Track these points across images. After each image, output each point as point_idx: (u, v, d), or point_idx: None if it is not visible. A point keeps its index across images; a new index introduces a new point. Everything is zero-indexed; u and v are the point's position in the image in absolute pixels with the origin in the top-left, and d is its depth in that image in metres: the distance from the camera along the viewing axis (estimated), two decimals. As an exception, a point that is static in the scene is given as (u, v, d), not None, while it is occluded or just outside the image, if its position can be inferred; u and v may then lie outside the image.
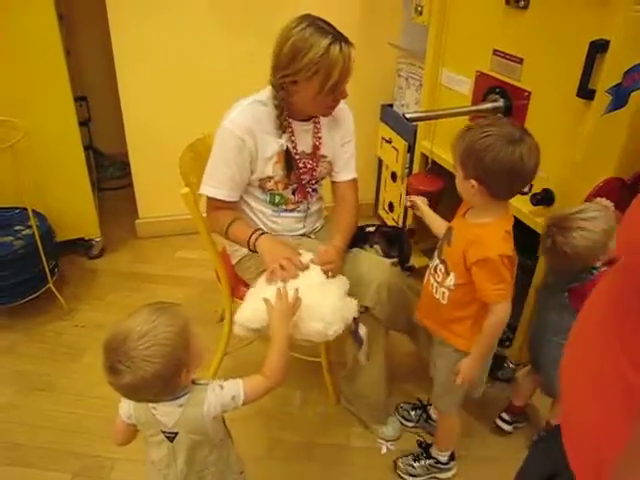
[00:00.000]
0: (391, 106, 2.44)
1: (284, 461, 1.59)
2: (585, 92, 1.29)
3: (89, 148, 2.82)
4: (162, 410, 0.97)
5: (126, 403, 1.01)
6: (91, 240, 2.40)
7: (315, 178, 1.54)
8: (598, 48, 1.23)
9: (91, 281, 2.31)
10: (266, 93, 1.41)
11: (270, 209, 1.51)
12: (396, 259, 1.54)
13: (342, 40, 1.28)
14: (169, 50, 2.24)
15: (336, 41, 1.27)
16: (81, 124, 2.25)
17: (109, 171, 3.09)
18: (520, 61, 1.49)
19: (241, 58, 2.27)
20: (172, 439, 0.99)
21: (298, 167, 1.46)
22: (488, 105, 1.59)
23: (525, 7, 1.44)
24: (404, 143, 2.25)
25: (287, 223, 1.55)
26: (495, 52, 1.57)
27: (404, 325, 1.53)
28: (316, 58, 1.26)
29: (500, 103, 1.57)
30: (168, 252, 2.53)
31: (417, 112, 1.87)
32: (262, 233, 1.42)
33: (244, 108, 1.39)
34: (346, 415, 1.72)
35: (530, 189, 1.51)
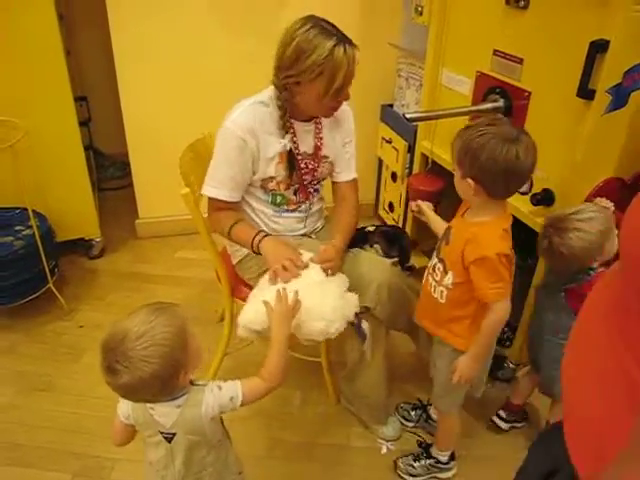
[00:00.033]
0: (391, 106, 2.44)
1: (284, 461, 1.59)
2: (585, 92, 1.29)
3: (89, 148, 2.82)
4: (160, 411, 0.97)
5: (124, 403, 1.01)
6: (91, 240, 2.41)
7: (317, 178, 1.53)
8: (598, 48, 1.23)
9: (91, 281, 2.31)
10: (268, 93, 1.41)
11: (271, 209, 1.51)
12: (396, 259, 1.54)
13: (346, 42, 1.28)
14: (169, 50, 2.24)
15: (340, 43, 1.26)
16: (81, 124, 2.25)
17: (109, 171, 3.09)
18: (520, 61, 1.49)
19: (241, 58, 2.27)
20: (170, 440, 0.99)
21: (300, 167, 1.46)
22: (488, 105, 1.59)
23: (525, 7, 1.44)
24: (404, 143, 2.25)
25: (288, 223, 1.55)
26: (495, 52, 1.57)
27: (404, 325, 1.53)
28: (320, 60, 1.25)
29: (500, 103, 1.57)
30: (168, 252, 2.53)
31: (417, 112, 1.87)
32: (265, 235, 1.42)
33: (246, 108, 1.39)
34: (346, 415, 1.72)
35: (530, 189, 1.51)
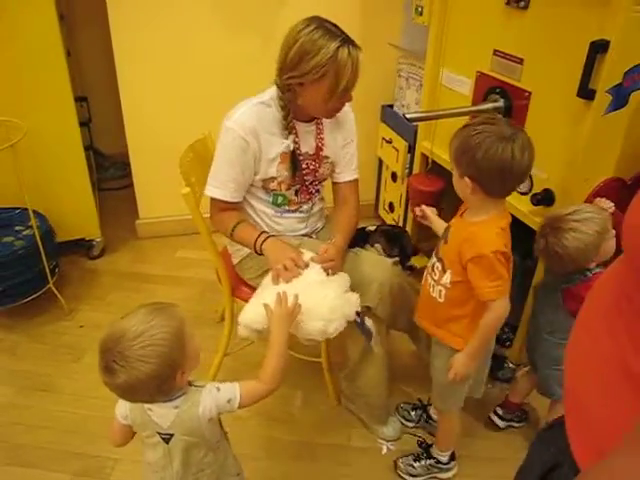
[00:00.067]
0: (391, 106, 2.44)
1: (285, 461, 1.59)
2: (585, 92, 1.29)
3: (89, 148, 2.82)
4: (157, 411, 0.97)
5: (122, 404, 1.01)
6: (91, 240, 2.41)
7: (318, 179, 1.54)
8: (598, 48, 1.23)
9: (91, 281, 2.31)
10: (270, 94, 1.41)
11: (272, 210, 1.51)
12: (397, 258, 1.54)
13: (350, 43, 1.28)
14: (169, 50, 2.24)
15: (345, 44, 1.26)
16: (82, 124, 2.25)
17: (109, 171, 3.09)
18: (520, 61, 1.49)
19: (241, 58, 2.27)
20: (168, 441, 0.99)
21: (301, 168, 1.46)
22: (488, 105, 1.59)
23: (525, 7, 1.44)
24: (404, 143, 2.25)
25: (289, 223, 1.55)
26: (495, 52, 1.57)
27: (405, 324, 1.53)
28: (324, 61, 1.25)
29: (500, 103, 1.57)
30: (168, 252, 2.53)
31: (417, 112, 1.88)
32: (268, 236, 1.42)
33: (248, 109, 1.39)
34: (347, 415, 1.72)
35: (531, 189, 1.51)
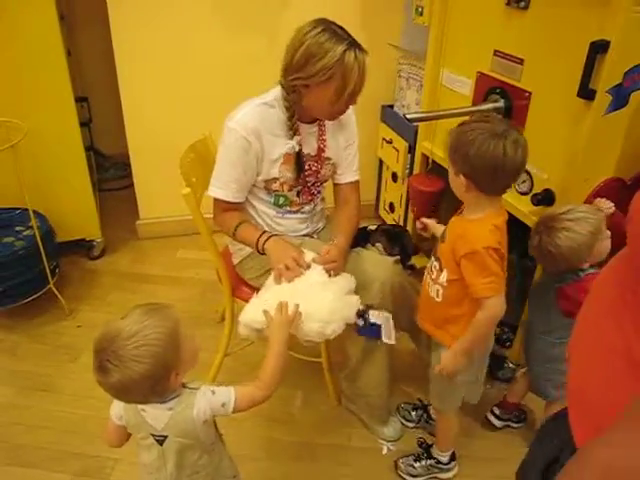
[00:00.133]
0: (392, 107, 2.44)
1: (285, 461, 1.59)
2: (586, 92, 1.29)
3: (90, 149, 2.82)
4: (151, 413, 0.96)
5: (117, 404, 1.01)
6: (92, 241, 2.41)
7: (319, 180, 1.54)
8: (598, 48, 1.23)
9: (92, 282, 2.31)
10: (274, 94, 1.41)
11: (274, 210, 1.52)
12: (398, 257, 1.54)
13: (357, 47, 1.28)
14: (170, 51, 2.25)
15: (351, 48, 1.26)
16: (82, 125, 2.25)
17: (110, 172, 3.10)
18: (520, 61, 1.49)
19: (242, 58, 2.27)
20: (162, 442, 0.99)
21: (304, 169, 1.47)
22: (489, 105, 1.59)
23: (525, 8, 1.44)
24: (405, 144, 2.25)
25: (290, 224, 1.55)
26: (495, 52, 1.57)
27: (406, 324, 1.53)
28: (330, 64, 1.25)
29: (501, 103, 1.57)
30: (169, 253, 2.53)
31: (418, 113, 1.88)
32: (270, 236, 1.42)
33: (250, 109, 1.39)
34: (347, 416, 1.72)
35: (531, 189, 1.51)
